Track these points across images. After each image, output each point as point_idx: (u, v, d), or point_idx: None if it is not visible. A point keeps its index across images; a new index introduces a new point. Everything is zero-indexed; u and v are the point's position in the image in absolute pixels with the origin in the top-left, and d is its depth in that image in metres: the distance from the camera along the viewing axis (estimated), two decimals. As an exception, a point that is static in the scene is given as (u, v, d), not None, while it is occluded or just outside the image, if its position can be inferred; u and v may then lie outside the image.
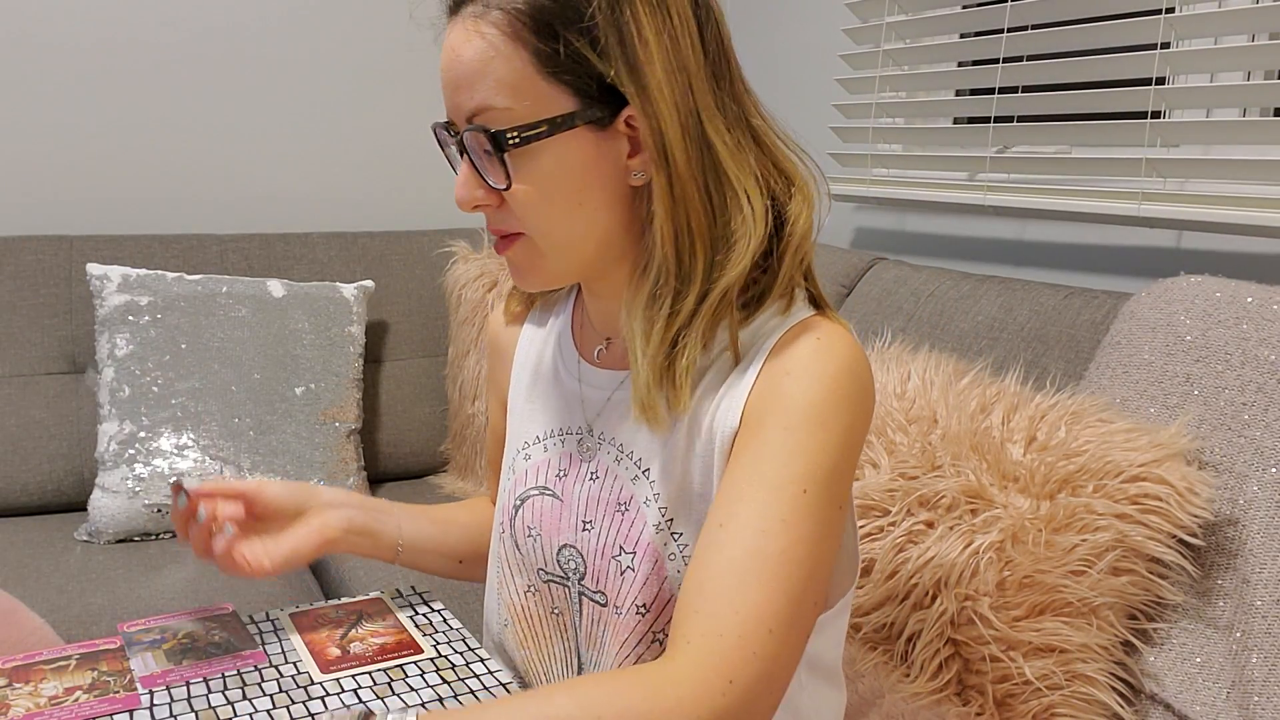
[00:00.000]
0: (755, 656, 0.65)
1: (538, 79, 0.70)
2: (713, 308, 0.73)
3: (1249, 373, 1.03)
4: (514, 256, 0.78)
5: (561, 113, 0.71)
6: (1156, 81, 1.38)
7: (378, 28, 2.25)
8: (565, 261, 0.77)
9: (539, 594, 0.88)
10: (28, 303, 1.86)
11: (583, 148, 0.72)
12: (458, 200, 0.75)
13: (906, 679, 1.05)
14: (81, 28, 2.01)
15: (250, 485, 0.88)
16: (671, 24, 0.71)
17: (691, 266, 0.73)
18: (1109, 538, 0.99)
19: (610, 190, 0.74)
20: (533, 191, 0.73)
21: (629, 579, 0.80)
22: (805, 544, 0.68)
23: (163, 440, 1.74)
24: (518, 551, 0.89)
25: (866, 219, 2.00)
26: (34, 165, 2.01)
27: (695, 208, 0.72)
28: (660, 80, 0.70)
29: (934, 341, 1.42)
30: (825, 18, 2.00)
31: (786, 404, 0.71)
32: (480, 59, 0.71)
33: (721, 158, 0.73)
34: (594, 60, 0.70)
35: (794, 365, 0.72)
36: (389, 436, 2.09)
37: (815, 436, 0.70)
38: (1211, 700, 0.95)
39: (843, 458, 0.71)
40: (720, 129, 0.73)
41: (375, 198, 2.33)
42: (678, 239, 0.72)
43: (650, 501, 0.79)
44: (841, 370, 0.72)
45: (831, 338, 0.73)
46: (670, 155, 0.71)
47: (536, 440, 0.89)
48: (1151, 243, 1.46)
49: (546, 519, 0.86)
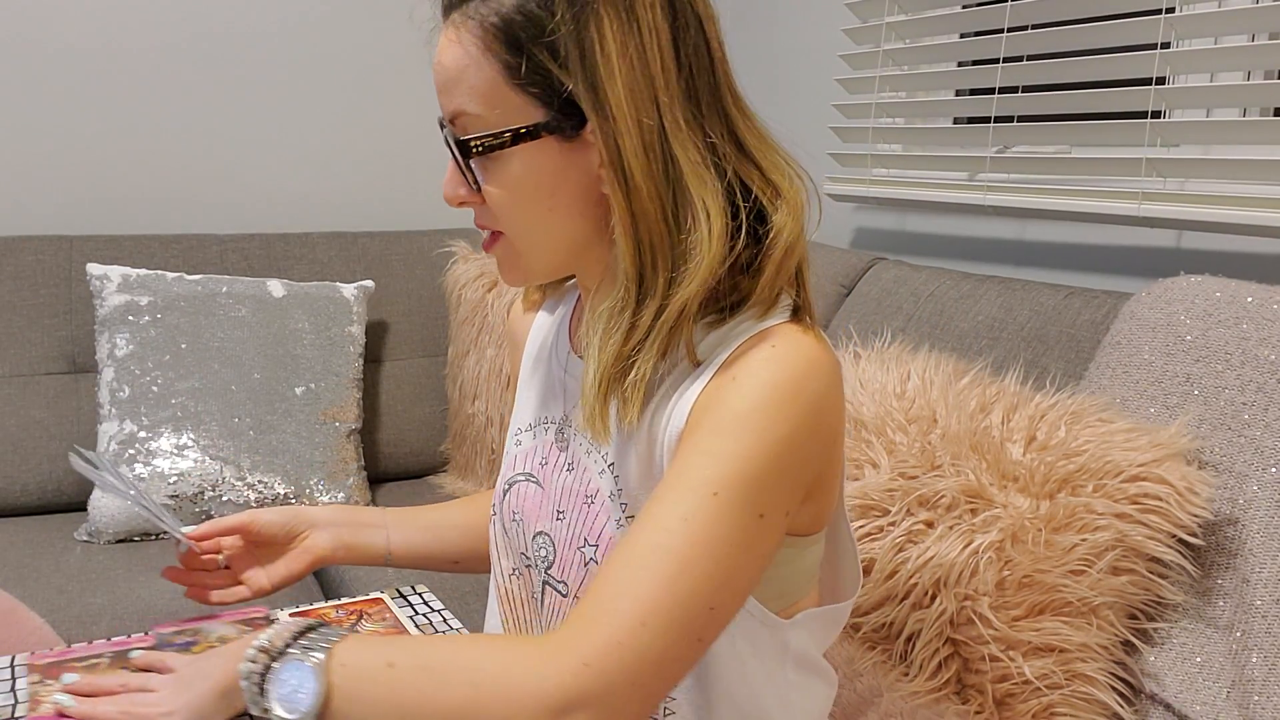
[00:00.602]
0: (620, 645, 0.64)
1: (507, 89, 0.72)
2: (669, 324, 0.72)
3: (1249, 372, 1.03)
4: (496, 252, 0.81)
5: (528, 123, 0.72)
6: (1156, 81, 1.38)
7: (378, 28, 2.25)
8: (541, 261, 0.79)
9: (522, 577, 0.89)
10: (28, 303, 1.86)
11: (550, 157, 0.73)
12: (444, 196, 0.78)
13: (906, 678, 1.05)
14: (82, 28, 2.01)
15: (243, 517, 0.94)
16: (640, 37, 0.70)
17: (652, 281, 0.72)
18: (1109, 537, 0.99)
19: (580, 197, 0.75)
20: (503, 195, 0.75)
21: (591, 571, 0.80)
22: (704, 546, 0.67)
23: (163, 440, 1.74)
24: (505, 535, 0.90)
25: (866, 219, 2.00)
26: (34, 165, 2.01)
27: (654, 224, 0.71)
28: (621, 97, 0.70)
29: (934, 341, 1.42)
30: (825, 18, 2.00)
31: (720, 408, 0.71)
32: (457, 66, 0.73)
33: (685, 174, 0.72)
34: (556, 73, 0.71)
35: (740, 371, 0.71)
36: (389, 436, 2.09)
37: (740, 441, 0.69)
38: (1211, 700, 0.95)
39: (773, 467, 0.69)
40: (686, 144, 0.72)
41: (375, 198, 2.33)
42: (639, 254, 0.72)
43: (614, 496, 0.79)
44: (787, 379, 0.70)
45: (788, 346, 0.72)
46: (628, 171, 0.71)
47: (528, 427, 0.90)
48: (1151, 243, 1.46)
49: (528, 505, 0.87)
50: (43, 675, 0.81)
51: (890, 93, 1.85)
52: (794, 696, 0.82)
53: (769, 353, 0.72)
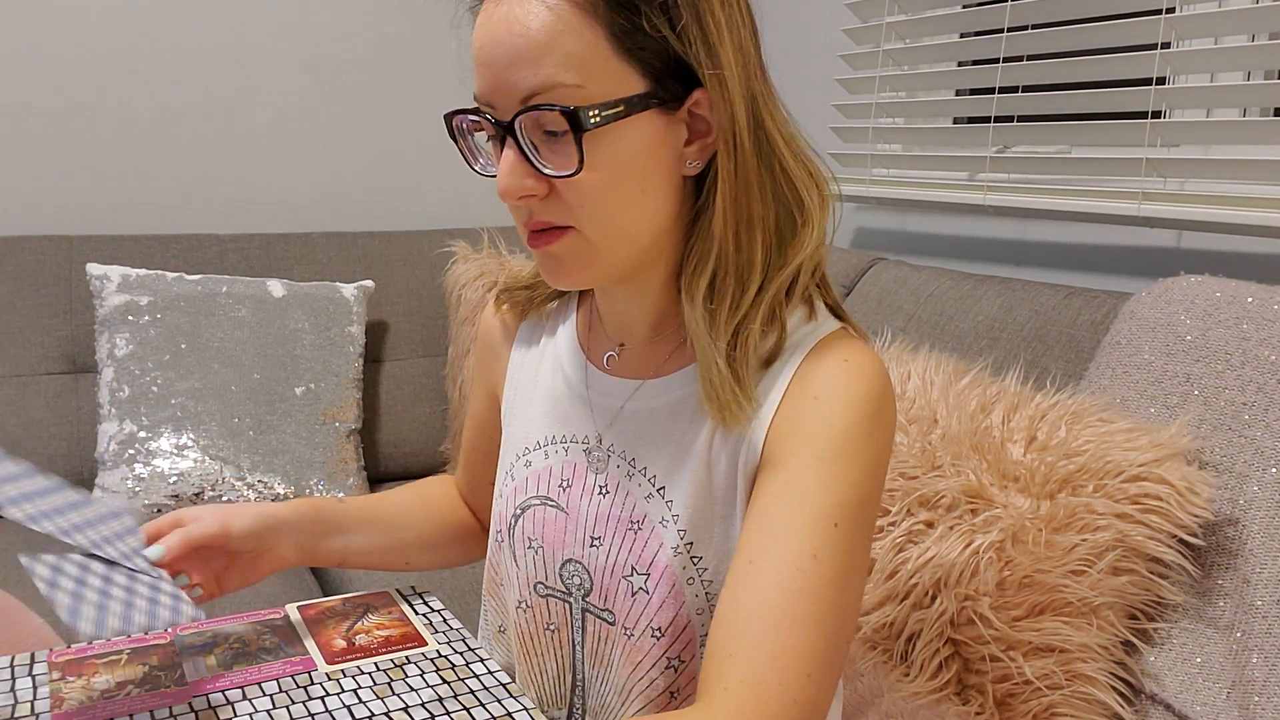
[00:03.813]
0: (796, 703, 0.63)
1: (610, 55, 0.66)
2: (770, 299, 0.71)
3: (1249, 373, 1.03)
4: (560, 251, 0.71)
5: (635, 93, 0.67)
6: (1157, 81, 1.38)
7: (378, 28, 2.25)
8: (618, 255, 0.72)
9: (532, 610, 0.85)
10: (28, 303, 1.86)
11: (653, 131, 0.69)
12: (503, 191, 0.69)
13: (906, 678, 1.05)
14: (82, 28, 2.01)
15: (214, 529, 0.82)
16: (738, 10, 0.71)
17: (750, 256, 0.71)
18: (1109, 537, 0.99)
19: (669, 178, 0.71)
20: (599, 178, 0.68)
21: (642, 600, 0.77)
22: (838, 580, 0.66)
23: (163, 440, 1.74)
24: (514, 564, 0.86)
25: (866, 219, 2.00)
26: (34, 165, 2.01)
27: (755, 196, 0.71)
28: (733, 62, 0.69)
29: (934, 341, 1.42)
30: (825, 18, 2.00)
31: (816, 431, 0.69)
32: (547, 32, 0.65)
33: (778, 146, 0.72)
34: (671, 39, 0.67)
35: (822, 390, 0.70)
36: (389, 436, 2.09)
37: (846, 467, 0.68)
38: (1211, 700, 0.95)
39: (872, 487, 0.69)
40: (777, 118, 0.73)
41: (375, 198, 2.33)
42: (738, 227, 0.71)
43: (668, 523, 0.76)
44: (869, 395, 0.70)
45: (861, 359, 0.72)
46: (739, 139, 0.69)
47: (538, 446, 0.86)
48: (1151, 243, 1.46)
49: (550, 531, 0.83)
50: (64, 672, 0.81)
51: (890, 93, 1.86)
52: None
53: (845, 367, 0.71)
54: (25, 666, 0.83)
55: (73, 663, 0.83)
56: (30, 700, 0.77)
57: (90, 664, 0.83)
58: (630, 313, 0.80)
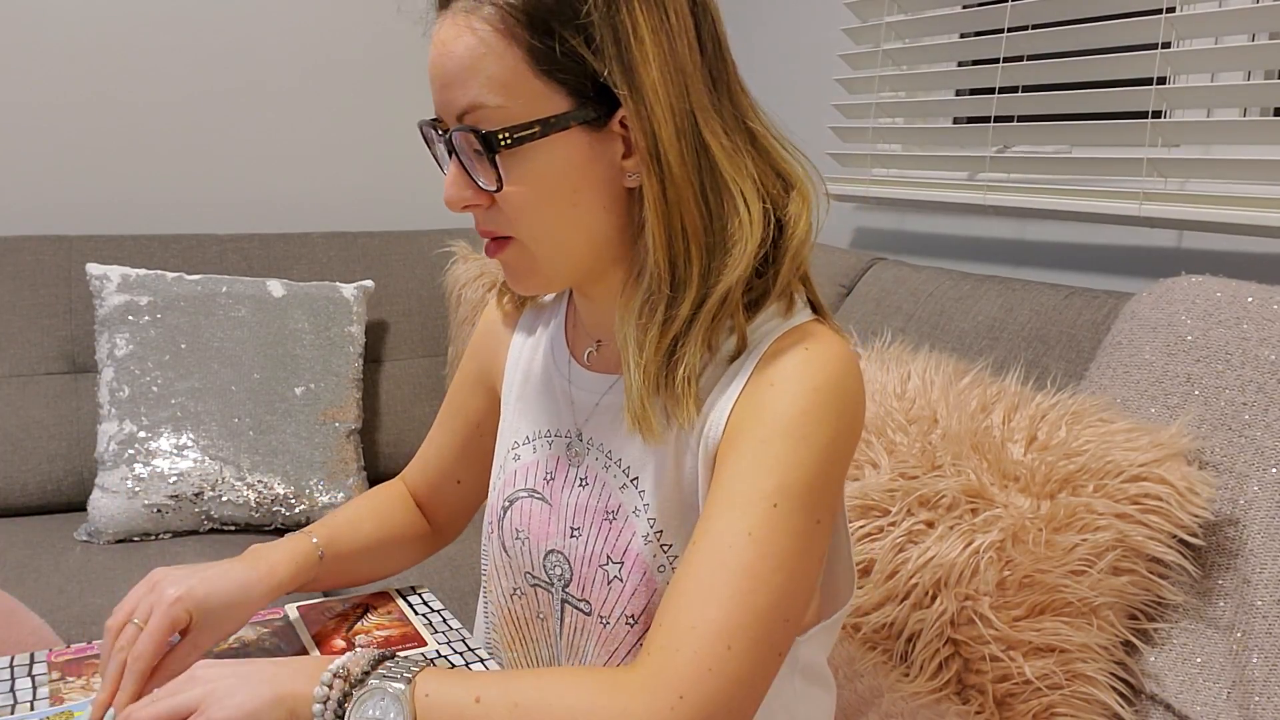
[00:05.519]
0: (710, 673, 0.64)
1: (531, 77, 0.69)
2: (711, 313, 0.71)
3: (1249, 373, 1.03)
4: (507, 259, 0.76)
5: (555, 112, 0.69)
6: (1157, 81, 1.38)
7: (377, 27, 2.25)
8: (558, 265, 0.75)
9: (525, 598, 0.87)
10: (28, 303, 1.86)
11: (576, 148, 0.71)
12: (446, 200, 0.73)
13: (906, 678, 1.05)
14: (82, 28, 2.01)
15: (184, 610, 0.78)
16: (669, 23, 0.70)
17: (686, 272, 0.71)
18: (1109, 537, 0.99)
19: (604, 192, 0.73)
20: (525, 193, 0.71)
21: (616, 589, 0.79)
22: (773, 559, 0.67)
23: (163, 440, 1.74)
24: (505, 554, 0.88)
25: (866, 219, 1.99)
26: (34, 165, 2.01)
27: (690, 211, 0.70)
28: (655, 81, 0.69)
29: (934, 341, 1.42)
30: (825, 18, 2.00)
31: (764, 415, 0.70)
32: (471, 55, 0.69)
33: (718, 160, 0.71)
34: (589, 59, 0.68)
35: (778, 376, 0.71)
36: (389, 436, 2.09)
37: (792, 450, 0.68)
38: (1212, 700, 0.95)
39: (822, 472, 0.69)
40: (717, 131, 0.72)
41: (375, 198, 2.33)
42: (671, 244, 0.71)
43: (640, 512, 0.78)
44: (827, 383, 0.70)
45: (822, 348, 0.72)
46: (664, 158, 0.69)
47: (526, 440, 0.88)
48: (1152, 243, 1.46)
49: (535, 522, 0.84)
50: (63, 672, 0.81)
51: (890, 93, 1.85)
52: (800, 708, 0.82)
53: (805, 355, 0.71)
54: (25, 666, 0.83)
55: (72, 663, 0.83)
56: (30, 700, 0.77)
57: (90, 664, 0.83)
58: (601, 312, 0.81)
